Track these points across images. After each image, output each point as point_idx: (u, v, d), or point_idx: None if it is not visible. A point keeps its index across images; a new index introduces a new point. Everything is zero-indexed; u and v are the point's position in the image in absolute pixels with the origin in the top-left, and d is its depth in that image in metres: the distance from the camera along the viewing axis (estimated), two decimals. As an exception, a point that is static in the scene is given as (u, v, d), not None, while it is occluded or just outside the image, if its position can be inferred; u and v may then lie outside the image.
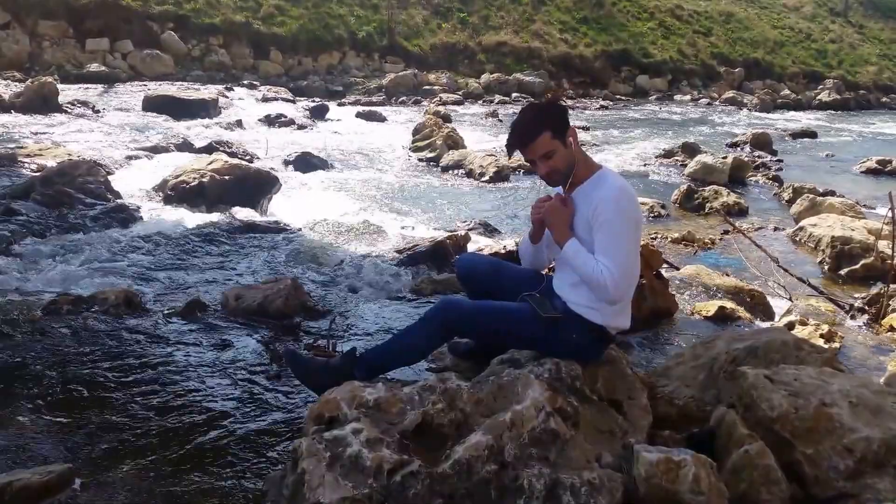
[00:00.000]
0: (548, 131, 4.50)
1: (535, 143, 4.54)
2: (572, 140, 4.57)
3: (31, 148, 13.45)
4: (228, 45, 33.94)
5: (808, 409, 4.04)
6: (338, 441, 3.73)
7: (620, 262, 4.31)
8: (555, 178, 4.65)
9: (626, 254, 4.37)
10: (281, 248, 9.34)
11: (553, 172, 4.60)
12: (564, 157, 4.55)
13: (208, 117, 21.03)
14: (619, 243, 4.35)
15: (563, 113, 4.65)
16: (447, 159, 17.00)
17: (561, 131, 4.54)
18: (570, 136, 4.57)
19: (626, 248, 4.38)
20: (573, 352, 4.63)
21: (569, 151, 4.56)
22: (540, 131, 4.52)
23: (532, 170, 4.94)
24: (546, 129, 4.51)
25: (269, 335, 6.47)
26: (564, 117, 4.61)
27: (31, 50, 28.76)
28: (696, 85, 45.24)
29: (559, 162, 4.55)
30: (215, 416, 5.03)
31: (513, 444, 3.77)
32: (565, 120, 4.60)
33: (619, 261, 4.31)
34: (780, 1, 58.37)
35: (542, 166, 4.60)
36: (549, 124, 4.53)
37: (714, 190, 14.14)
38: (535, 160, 4.61)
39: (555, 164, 4.56)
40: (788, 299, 8.52)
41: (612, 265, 4.30)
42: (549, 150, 4.52)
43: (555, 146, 4.52)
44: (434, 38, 40.58)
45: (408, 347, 4.84)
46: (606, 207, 4.38)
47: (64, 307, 6.63)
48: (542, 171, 4.61)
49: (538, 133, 4.52)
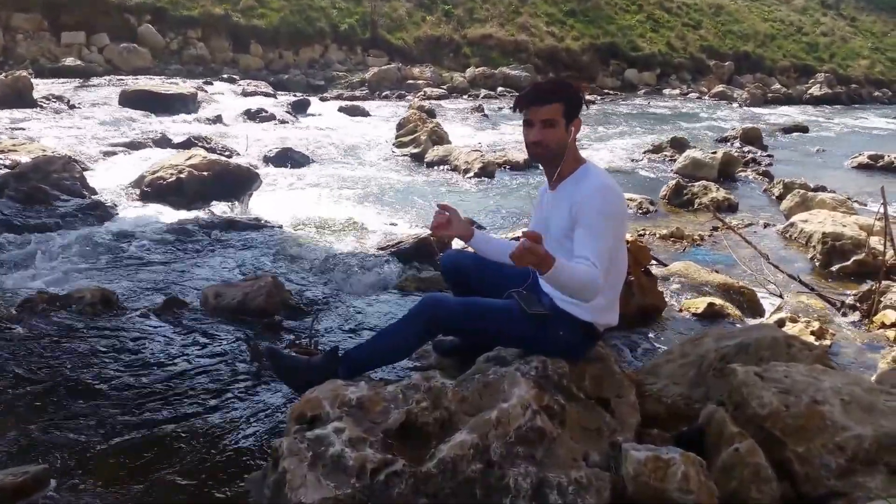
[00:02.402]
0: (562, 104, 4.53)
1: (545, 106, 4.55)
2: (574, 130, 4.60)
3: (4, 143, 13.36)
4: (207, 39, 33.91)
5: (800, 406, 4.05)
6: (320, 440, 3.73)
7: (600, 255, 4.30)
8: (541, 150, 4.65)
9: (607, 248, 4.35)
10: (261, 246, 9.34)
11: (542, 143, 4.60)
12: (559, 137, 4.57)
13: (187, 112, 21.01)
14: (599, 238, 4.33)
15: (581, 101, 4.68)
16: (432, 155, 17.00)
17: (571, 114, 4.57)
18: (575, 126, 4.60)
19: (607, 244, 4.35)
20: (560, 349, 4.63)
21: (566, 137, 4.58)
22: (556, 99, 4.54)
23: (518, 165, 4.95)
24: (561, 102, 4.54)
25: (249, 333, 6.45)
26: (580, 105, 4.64)
27: (4, 43, 28.68)
28: (686, 79, 45.42)
29: (553, 137, 4.56)
30: (194, 416, 5.02)
31: (499, 443, 3.77)
32: (579, 108, 4.63)
33: (600, 255, 4.29)
34: (771, -7, 58.58)
35: (537, 132, 4.59)
36: (566, 100, 4.57)
37: (703, 186, 14.15)
38: (535, 123, 4.60)
39: (549, 136, 4.56)
40: (779, 296, 8.55)
41: (594, 258, 4.29)
42: (552, 118, 4.54)
43: (559, 121, 4.54)
44: (418, 31, 40.61)
45: (391, 346, 4.84)
46: (589, 203, 4.38)
47: (39, 306, 6.62)
48: (535, 136, 4.60)
49: (553, 99, 4.55)
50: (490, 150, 17.81)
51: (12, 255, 8.24)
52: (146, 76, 28.44)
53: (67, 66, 28.10)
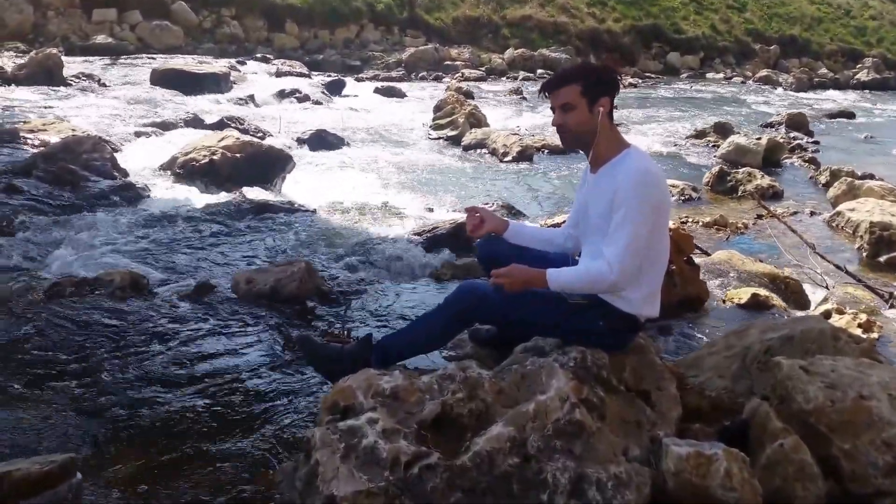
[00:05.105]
0: (578, 85, 4.49)
1: (561, 89, 4.54)
2: (602, 110, 4.53)
3: (34, 123, 13.44)
4: (241, 17, 34.01)
5: (846, 401, 4.00)
6: (353, 431, 3.71)
7: (625, 250, 4.29)
8: (563, 134, 4.66)
9: (636, 241, 4.32)
10: (294, 230, 9.33)
11: (563, 127, 4.60)
12: (581, 119, 4.52)
13: (219, 92, 21.08)
14: (632, 229, 4.31)
15: (605, 78, 4.61)
16: (469, 138, 17.01)
17: (593, 93, 4.50)
18: (602, 105, 4.51)
19: (638, 236, 4.32)
20: (600, 340, 4.59)
21: (591, 118, 4.51)
22: (570, 81, 4.52)
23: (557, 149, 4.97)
24: (577, 83, 4.50)
25: (281, 320, 6.45)
26: (604, 82, 4.57)
27: (35, 20, 28.83)
28: (730, 63, 45.19)
29: (573, 119, 4.53)
30: (223, 406, 5.02)
31: (536, 437, 3.75)
32: (604, 85, 4.56)
33: (625, 249, 4.29)
34: (817, -26, 58.19)
35: (557, 116, 4.60)
36: (582, 79, 4.52)
37: (748, 172, 14.11)
38: (556, 108, 4.60)
39: (568, 119, 4.54)
40: (825, 287, 8.50)
41: (613, 256, 4.28)
42: (569, 101, 4.51)
43: (578, 102, 4.49)
44: (456, 12, 40.58)
45: (427, 334, 4.82)
46: (625, 188, 4.33)
47: (67, 289, 6.62)
48: (556, 120, 4.62)
49: (568, 82, 4.52)
50: (529, 134, 17.82)
51: (41, 238, 8.26)
52: (178, 55, 28.53)
53: (98, 44, 28.28)
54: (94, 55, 26.76)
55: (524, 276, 4.44)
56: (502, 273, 4.43)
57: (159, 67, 22.41)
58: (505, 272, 4.42)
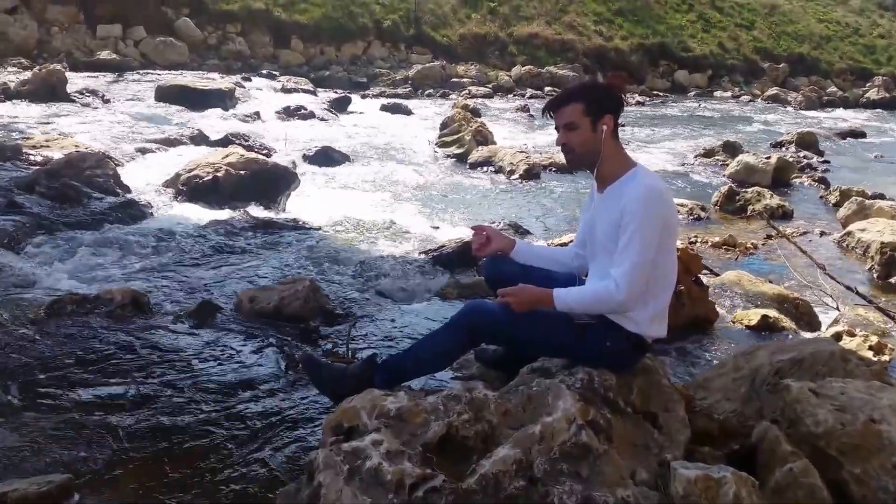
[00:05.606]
0: (580, 104, 4.51)
1: (564, 108, 4.56)
2: (605, 128, 4.53)
3: (37, 139, 13.48)
4: (247, 33, 34.08)
5: (856, 424, 3.99)
6: (357, 453, 3.69)
7: (632, 270, 4.29)
8: (568, 153, 4.68)
9: (643, 261, 4.32)
10: (299, 248, 9.33)
11: (567, 146, 4.62)
12: (585, 139, 4.53)
13: (224, 109, 21.05)
14: (638, 249, 4.31)
15: (608, 96, 4.63)
16: (476, 156, 17.00)
17: (595, 111, 4.52)
18: (605, 123, 4.52)
19: (645, 256, 4.32)
20: (606, 360, 4.58)
21: (594, 136, 4.52)
22: (572, 100, 4.55)
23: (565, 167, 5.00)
24: (579, 102, 4.52)
25: (284, 339, 6.44)
26: (607, 101, 4.59)
27: (39, 36, 28.89)
28: (738, 81, 45.14)
29: (576, 139, 4.55)
30: (226, 426, 5.01)
31: (542, 459, 3.73)
32: (607, 104, 4.58)
33: (628, 269, 4.28)
34: (826, -7, 58.24)
35: (560, 135, 4.63)
36: (585, 98, 4.54)
37: (756, 192, 14.08)
38: (559, 127, 4.62)
39: (572, 138, 4.57)
40: (835, 308, 8.46)
41: (620, 276, 4.29)
42: (572, 121, 4.53)
43: (581, 122, 4.52)
44: (463, 29, 40.63)
45: (432, 354, 4.80)
46: (632, 207, 4.33)
47: (68, 307, 6.63)
48: (560, 140, 4.65)
49: (570, 101, 4.55)
50: (536, 151, 17.79)
51: (42, 255, 8.26)
52: (183, 71, 28.60)
53: (102, 60, 28.33)
54: (98, 71, 26.80)
55: (531, 296, 4.43)
56: (509, 292, 4.43)
57: (164, 83, 22.42)
58: (512, 291, 4.42)
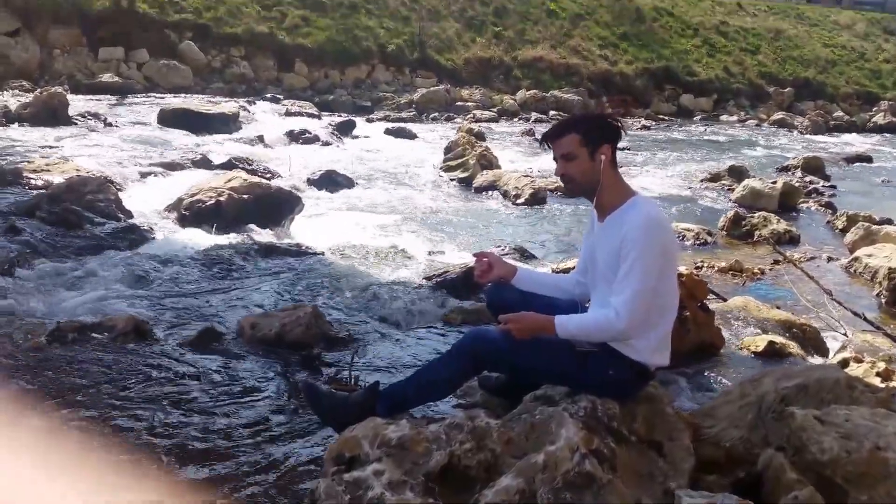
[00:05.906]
0: (577, 134, 4.61)
1: (560, 139, 4.67)
2: (604, 158, 4.59)
3: (37, 163, 13.43)
4: (251, 57, 34.09)
5: (861, 452, 3.98)
6: (358, 483, 3.68)
7: (633, 298, 4.32)
8: (567, 184, 4.80)
9: (644, 289, 4.36)
10: (301, 273, 9.30)
11: (566, 177, 4.73)
12: (583, 169, 4.62)
13: (228, 132, 21.00)
14: (636, 276, 4.36)
15: (605, 126, 4.70)
16: (480, 180, 17.01)
17: (593, 141, 4.60)
18: (603, 152, 4.60)
19: (646, 284, 4.37)
20: (609, 388, 4.59)
21: (593, 166, 4.60)
22: (569, 131, 4.64)
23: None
24: (576, 132, 4.62)
25: (286, 366, 6.42)
26: (605, 130, 4.67)
27: (41, 59, 28.89)
28: (744, 105, 45.13)
29: (575, 169, 4.65)
30: (227, 455, 4.99)
31: (545, 489, 3.71)
32: (605, 133, 4.66)
33: (629, 297, 4.34)
34: (830, 18, 58.25)
35: (559, 166, 4.74)
36: (582, 128, 4.64)
37: (763, 217, 14.05)
38: (557, 158, 4.71)
39: (571, 168, 4.67)
40: (843, 334, 8.44)
41: (620, 304, 4.34)
42: (570, 151, 4.62)
43: (578, 152, 4.61)
44: (467, 53, 40.65)
45: (435, 381, 4.81)
46: (632, 235, 4.40)
47: (69, 335, 6.58)
48: (559, 171, 4.76)
49: (567, 132, 4.65)
50: (541, 176, 17.76)
51: (42, 281, 8.21)
52: (186, 94, 28.64)
53: (104, 83, 28.30)
54: (100, 93, 26.80)
55: (533, 323, 4.44)
56: (511, 319, 4.44)
57: (167, 107, 22.41)
58: (513, 318, 4.43)
